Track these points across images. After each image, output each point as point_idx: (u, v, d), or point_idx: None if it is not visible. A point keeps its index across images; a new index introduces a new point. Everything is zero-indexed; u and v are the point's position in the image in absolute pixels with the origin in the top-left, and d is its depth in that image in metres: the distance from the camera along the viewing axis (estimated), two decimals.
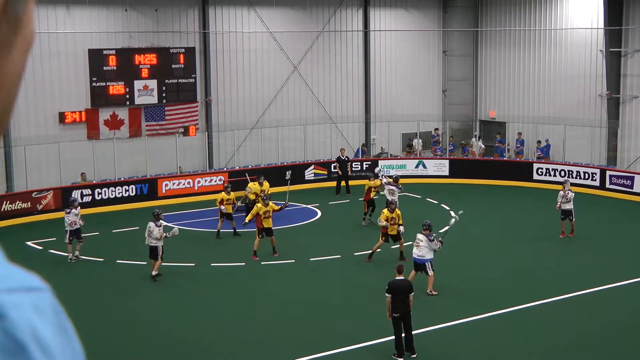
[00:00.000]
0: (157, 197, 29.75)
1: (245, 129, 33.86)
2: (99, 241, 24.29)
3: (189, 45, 32.34)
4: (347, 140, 35.83)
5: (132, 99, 31.11)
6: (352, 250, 22.63)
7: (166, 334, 16.76)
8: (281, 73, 34.72)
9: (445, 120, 37.45)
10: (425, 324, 16.54)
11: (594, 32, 33.01)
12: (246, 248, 22.91)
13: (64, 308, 1.07)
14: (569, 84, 34.38)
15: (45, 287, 1.05)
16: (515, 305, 18.07)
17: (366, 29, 36.41)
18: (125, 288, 19.77)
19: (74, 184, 29.19)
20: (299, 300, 18.75)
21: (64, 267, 21.70)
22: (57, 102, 29.93)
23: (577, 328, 16.88)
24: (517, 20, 36.17)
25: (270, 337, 16.46)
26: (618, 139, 32.66)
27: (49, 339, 1.00)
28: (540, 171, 32.43)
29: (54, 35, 29.45)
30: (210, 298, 19.02)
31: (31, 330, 0.99)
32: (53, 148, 29.10)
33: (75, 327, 1.09)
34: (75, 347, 1.06)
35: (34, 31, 1.14)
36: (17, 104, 1.67)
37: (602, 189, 30.61)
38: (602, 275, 20.30)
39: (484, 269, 21.18)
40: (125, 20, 30.99)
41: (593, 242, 23.93)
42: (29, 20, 1.12)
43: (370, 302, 18.18)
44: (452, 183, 32.93)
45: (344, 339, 16.12)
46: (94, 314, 17.65)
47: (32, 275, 1.05)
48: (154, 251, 20.16)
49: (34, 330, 0.99)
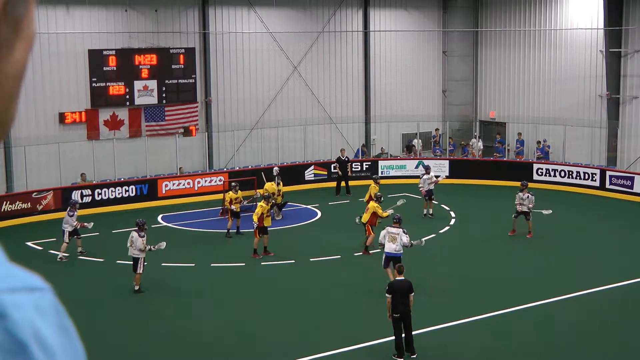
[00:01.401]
0: (157, 198, 29.76)
1: (245, 130, 33.86)
2: (99, 242, 24.27)
3: (189, 46, 32.34)
4: (347, 141, 35.83)
5: (132, 99, 31.11)
6: (353, 251, 22.63)
7: (167, 334, 16.77)
8: (281, 73, 34.73)
9: (445, 120, 37.45)
10: (426, 324, 16.54)
11: (594, 32, 33.02)
12: (246, 248, 22.91)
13: (64, 308, 1.07)
14: (569, 84, 34.38)
15: (46, 287, 1.05)
16: (516, 305, 18.07)
17: (366, 30, 36.41)
18: (125, 288, 19.74)
19: (73, 185, 29.19)
20: (298, 301, 18.74)
21: (64, 268, 21.70)
22: (57, 103, 29.93)
23: (577, 328, 16.87)
24: (517, 20, 36.17)
25: (270, 337, 16.46)
26: (618, 139, 32.66)
27: (51, 339, 1.01)
28: (540, 172, 32.42)
29: (54, 36, 29.45)
30: (210, 299, 19.01)
31: (33, 330, 0.99)
32: (53, 148, 29.10)
33: (76, 326, 1.09)
34: (77, 347, 1.06)
35: (35, 32, 1.14)
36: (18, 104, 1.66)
37: (602, 189, 30.61)
38: (602, 276, 20.30)
39: (484, 270, 21.18)
40: (125, 20, 30.99)
41: (593, 242, 23.92)
42: (30, 21, 1.12)
43: (370, 302, 18.18)
44: (452, 183, 32.92)
45: (344, 339, 16.12)
46: (94, 314, 17.65)
47: (33, 275, 1.05)
48: (135, 263, 19.14)
49: (35, 330, 0.99)
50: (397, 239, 18.81)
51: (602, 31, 32.44)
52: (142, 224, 19.53)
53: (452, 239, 24.41)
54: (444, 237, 24.60)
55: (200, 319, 17.53)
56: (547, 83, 35.32)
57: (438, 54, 38.26)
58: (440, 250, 23.17)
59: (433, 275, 20.47)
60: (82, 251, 22.71)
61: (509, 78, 36.89)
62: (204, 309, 18.18)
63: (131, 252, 19.25)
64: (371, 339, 16.06)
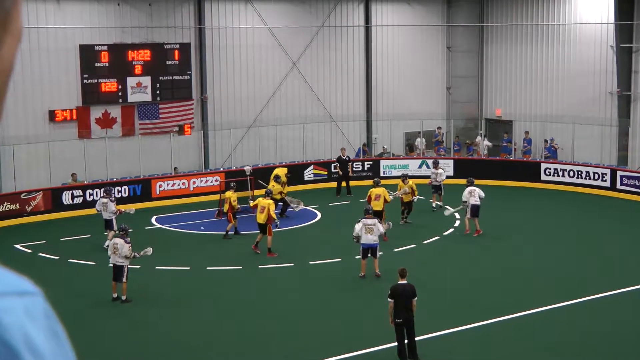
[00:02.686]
0: (151, 199, 29.77)
1: (242, 128, 33.86)
2: (91, 244, 24.28)
3: (184, 41, 32.34)
4: (348, 140, 35.83)
5: (124, 96, 31.12)
6: (353, 254, 22.63)
7: (164, 334, 16.77)
8: (279, 70, 34.73)
9: (449, 119, 37.46)
10: (429, 330, 16.54)
11: (604, 27, 33.01)
12: (243, 251, 22.95)
13: (55, 312, 1.07)
14: (578, 81, 34.38)
15: (37, 291, 1.05)
16: (522, 310, 18.06)
17: (368, 24, 36.41)
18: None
19: (64, 185, 29.20)
20: (297, 305, 18.75)
21: (54, 271, 21.69)
22: (47, 100, 29.92)
23: (584, 331, 16.87)
24: (524, 15, 36.17)
25: (268, 342, 16.46)
26: (629, 138, 32.65)
27: (41, 345, 1.01)
28: (548, 171, 32.43)
29: (43, 31, 29.45)
30: (207, 302, 18.99)
31: (23, 335, 0.99)
32: (43, 147, 29.10)
33: (67, 331, 1.10)
34: (68, 353, 1.06)
35: (23, 26, 1.14)
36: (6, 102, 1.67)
37: (612, 190, 30.60)
38: (613, 279, 20.30)
39: (489, 272, 21.18)
40: (117, 14, 30.98)
41: (603, 245, 23.92)
42: (18, 15, 1.12)
43: (371, 307, 18.18)
44: (456, 184, 32.91)
45: (344, 345, 16.11)
46: (85, 318, 17.64)
47: (23, 278, 1.05)
48: (119, 272, 18.49)
49: (26, 335, 0.99)
50: (374, 230, 20.16)
51: (613, 26, 32.43)
52: (126, 229, 19.25)
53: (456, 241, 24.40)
54: (447, 239, 24.61)
55: (196, 323, 17.52)
56: (555, 80, 35.31)
57: (442, 50, 38.26)
58: (444, 252, 23.18)
59: (436, 278, 20.47)
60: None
61: (515, 74, 36.90)
62: (200, 313, 18.17)
63: (114, 260, 18.61)
64: (372, 345, 16.06)
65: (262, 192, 24.58)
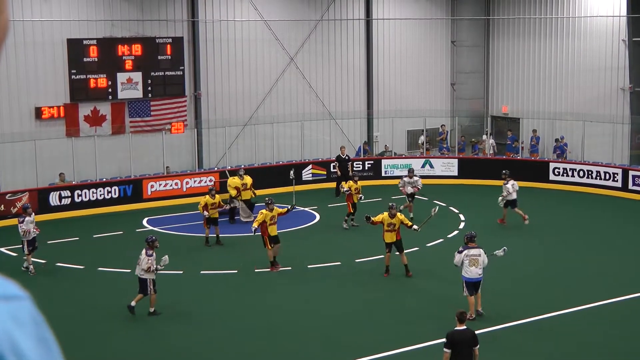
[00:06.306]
0: (142, 200, 29.77)
1: (237, 126, 33.86)
2: (79, 247, 24.26)
3: (176, 35, 32.34)
4: (348, 138, 35.84)
5: (114, 93, 31.11)
6: (353, 257, 22.63)
7: (161, 337, 16.77)
8: (276, 65, 34.74)
9: (454, 116, 37.49)
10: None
11: (616, 20, 33.03)
12: (238, 254, 22.94)
13: (43, 318, 1.07)
14: (588, 76, 34.40)
15: (24, 295, 1.05)
16: (530, 316, 18.06)
17: (369, 18, 36.43)
18: (106, 298, 19.73)
19: (51, 185, 29.19)
20: (296, 311, 18.74)
21: (40, 275, 21.66)
22: (33, 96, 29.91)
23: (594, 337, 16.89)
24: (531, 7, 36.19)
25: (267, 349, 16.46)
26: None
27: (29, 352, 1.00)
28: (557, 171, 32.43)
29: (29, 24, 29.43)
30: (200, 308, 18.99)
31: (10, 342, 0.98)
32: (29, 146, 29.08)
33: (56, 338, 1.09)
34: (57, 359, 1.06)
35: (8, 20, 1.14)
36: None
37: (624, 190, 30.61)
38: (624, 284, 20.30)
39: (494, 277, 21.17)
40: (107, 7, 30.98)
41: (615, 247, 23.92)
42: (4, 8, 1.12)
43: (372, 313, 18.18)
44: (461, 184, 32.94)
45: (344, 351, 16.11)
46: (74, 325, 17.63)
47: (9, 282, 1.05)
48: (142, 285, 18.28)
49: (12, 341, 0.99)
50: (479, 261, 17.58)
51: (625, 19, 32.46)
52: (152, 241, 18.62)
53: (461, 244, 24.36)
54: (453, 242, 24.58)
55: (193, 329, 17.52)
56: (564, 75, 35.33)
57: (446, 44, 38.28)
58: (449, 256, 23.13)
59: (437, 282, 20.45)
60: (34, 271, 21.73)
61: (522, 70, 36.91)
62: (196, 320, 18.17)
63: (137, 272, 18.46)
64: (373, 352, 16.05)
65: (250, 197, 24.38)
